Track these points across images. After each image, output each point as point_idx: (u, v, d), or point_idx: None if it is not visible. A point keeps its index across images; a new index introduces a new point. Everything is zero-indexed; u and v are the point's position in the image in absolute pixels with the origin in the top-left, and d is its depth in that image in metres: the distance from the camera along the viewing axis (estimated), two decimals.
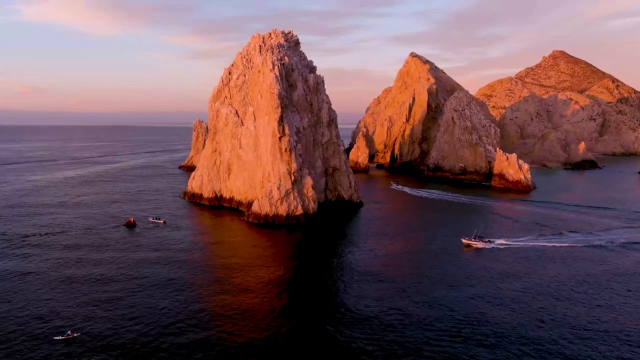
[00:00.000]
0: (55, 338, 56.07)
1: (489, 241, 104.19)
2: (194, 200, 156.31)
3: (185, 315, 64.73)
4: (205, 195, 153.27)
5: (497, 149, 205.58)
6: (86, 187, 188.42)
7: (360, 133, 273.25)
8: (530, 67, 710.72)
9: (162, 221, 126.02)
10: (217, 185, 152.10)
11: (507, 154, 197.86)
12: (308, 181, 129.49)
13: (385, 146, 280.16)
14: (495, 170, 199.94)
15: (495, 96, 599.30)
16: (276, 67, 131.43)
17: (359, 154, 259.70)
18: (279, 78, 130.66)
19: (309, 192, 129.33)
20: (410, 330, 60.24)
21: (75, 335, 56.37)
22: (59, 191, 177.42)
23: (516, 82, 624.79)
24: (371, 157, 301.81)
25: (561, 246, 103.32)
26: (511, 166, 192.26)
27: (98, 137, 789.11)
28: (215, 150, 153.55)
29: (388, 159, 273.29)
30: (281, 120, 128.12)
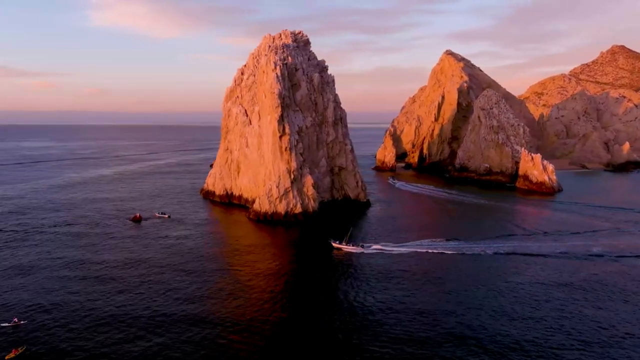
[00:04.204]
0: (1, 325, 59.82)
1: (362, 245, 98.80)
2: (208, 197, 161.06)
3: (150, 307, 67.63)
4: (217, 192, 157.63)
5: (523, 149, 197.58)
6: (115, 184, 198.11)
7: (388, 132, 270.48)
8: (586, 64, 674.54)
9: (167, 215, 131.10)
10: (227, 183, 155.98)
11: (532, 154, 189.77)
12: (308, 180, 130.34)
13: (414, 145, 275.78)
14: (520, 171, 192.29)
15: (547, 94, 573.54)
16: (278, 67, 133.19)
17: (386, 154, 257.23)
18: (280, 78, 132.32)
19: (309, 190, 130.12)
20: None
21: (21, 322, 60.02)
22: (88, 187, 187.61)
23: (569, 79, 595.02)
24: (403, 156, 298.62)
25: (445, 252, 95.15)
26: (536, 167, 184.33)
27: (146, 136, 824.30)
28: (227, 149, 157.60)
29: (417, 159, 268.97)
30: (281, 119, 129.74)
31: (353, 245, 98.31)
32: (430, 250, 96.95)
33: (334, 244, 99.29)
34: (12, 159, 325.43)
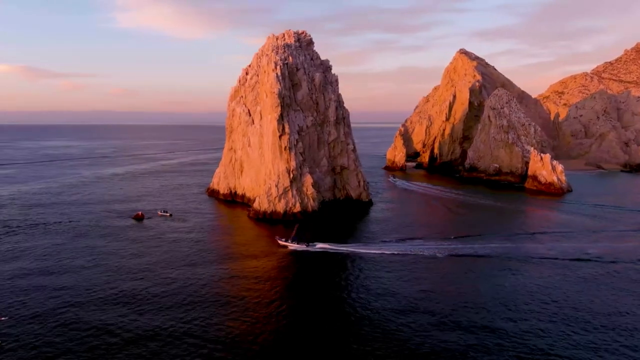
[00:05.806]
0: None
1: (308, 244, 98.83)
2: (213, 195, 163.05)
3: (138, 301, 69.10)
4: (222, 191, 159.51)
5: (533, 149, 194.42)
6: (124, 183, 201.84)
7: (398, 132, 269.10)
8: (609, 62, 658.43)
9: (168, 214, 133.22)
10: (231, 182, 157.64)
11: (541, 154, 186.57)
12: (308, 179, 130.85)
13: (424, 145, 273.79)
14: (530, 172, 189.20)
15: (568, 93, 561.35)
16: (278, 67, 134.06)
17: (396, 154, 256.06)
18: (280, 77, 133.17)
19: (309, 190, 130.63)
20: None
21: (2, 318, 61.57)
22: (98, 186, 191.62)
23: (591, 77, 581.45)
24: (416, 155, 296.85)
25: (390, 253, 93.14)
26: (545, 167, 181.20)
27: (167, 135, 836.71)
28: (231, 149, 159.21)
29: (427, 159, 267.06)
30: (281, 118, 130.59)
31: (298, 243, 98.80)
32: (373, 251, 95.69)
33: (279, 242, 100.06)
34: (33, 158, 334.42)
